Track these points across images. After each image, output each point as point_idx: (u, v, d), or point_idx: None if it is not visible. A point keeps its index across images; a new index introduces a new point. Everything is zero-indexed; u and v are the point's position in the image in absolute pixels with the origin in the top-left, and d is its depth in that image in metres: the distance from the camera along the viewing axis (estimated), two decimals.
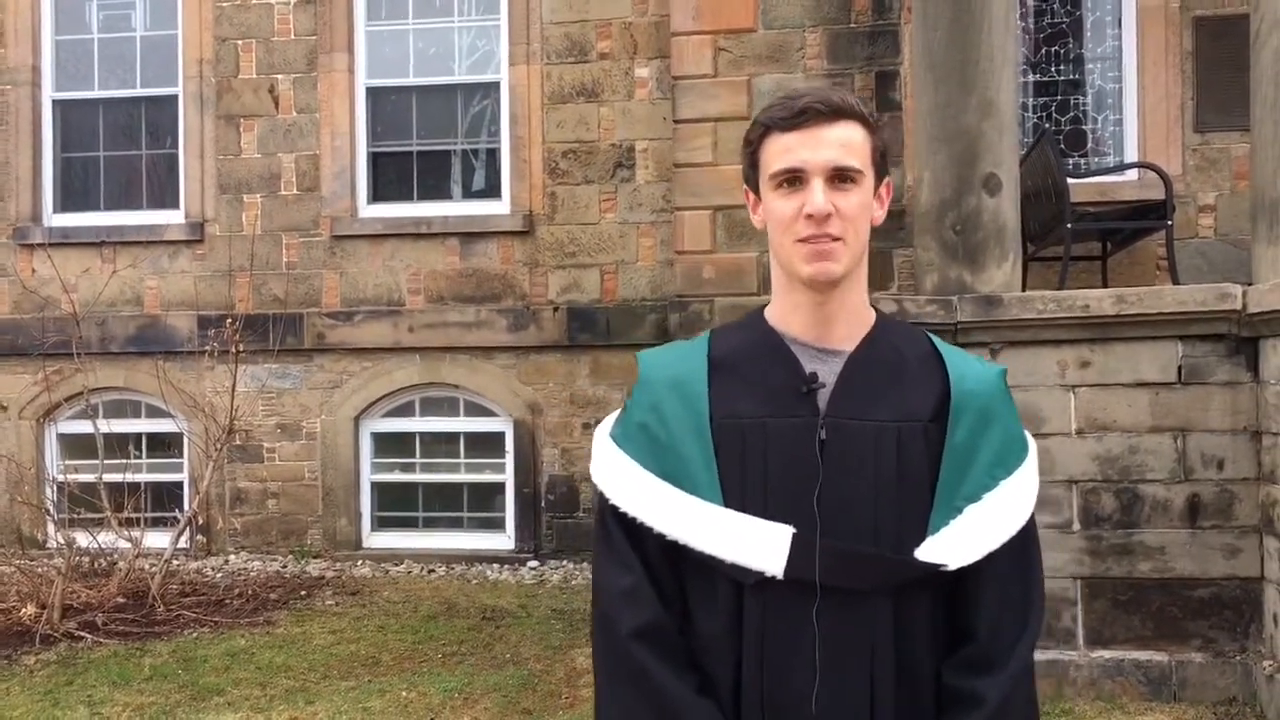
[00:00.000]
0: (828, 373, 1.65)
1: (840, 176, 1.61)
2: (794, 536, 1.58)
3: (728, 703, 1.62)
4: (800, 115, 1.61)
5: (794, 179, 1.61)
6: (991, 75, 5.01)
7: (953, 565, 1.61)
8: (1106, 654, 4.75)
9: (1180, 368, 4.78)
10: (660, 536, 1.64)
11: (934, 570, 1.60)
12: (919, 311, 4.88)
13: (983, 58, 5.01)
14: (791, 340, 1.68)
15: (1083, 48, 7.43)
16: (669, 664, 1.61)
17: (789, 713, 1.60)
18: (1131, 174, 7.04)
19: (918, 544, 1.60)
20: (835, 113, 1.62)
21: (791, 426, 1.62)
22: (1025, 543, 1.68)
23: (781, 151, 1.62)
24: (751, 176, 1.70)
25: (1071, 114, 7.42)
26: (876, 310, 1.74)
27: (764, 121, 1.66)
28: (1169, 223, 6.10)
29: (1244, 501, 4.71)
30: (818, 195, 1.59)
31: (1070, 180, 6.12)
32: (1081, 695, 4.70)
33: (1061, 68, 7.44)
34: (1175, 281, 6.04)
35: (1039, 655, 4.72)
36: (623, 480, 1.68)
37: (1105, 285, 6.53)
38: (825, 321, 1.67)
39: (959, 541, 1.61)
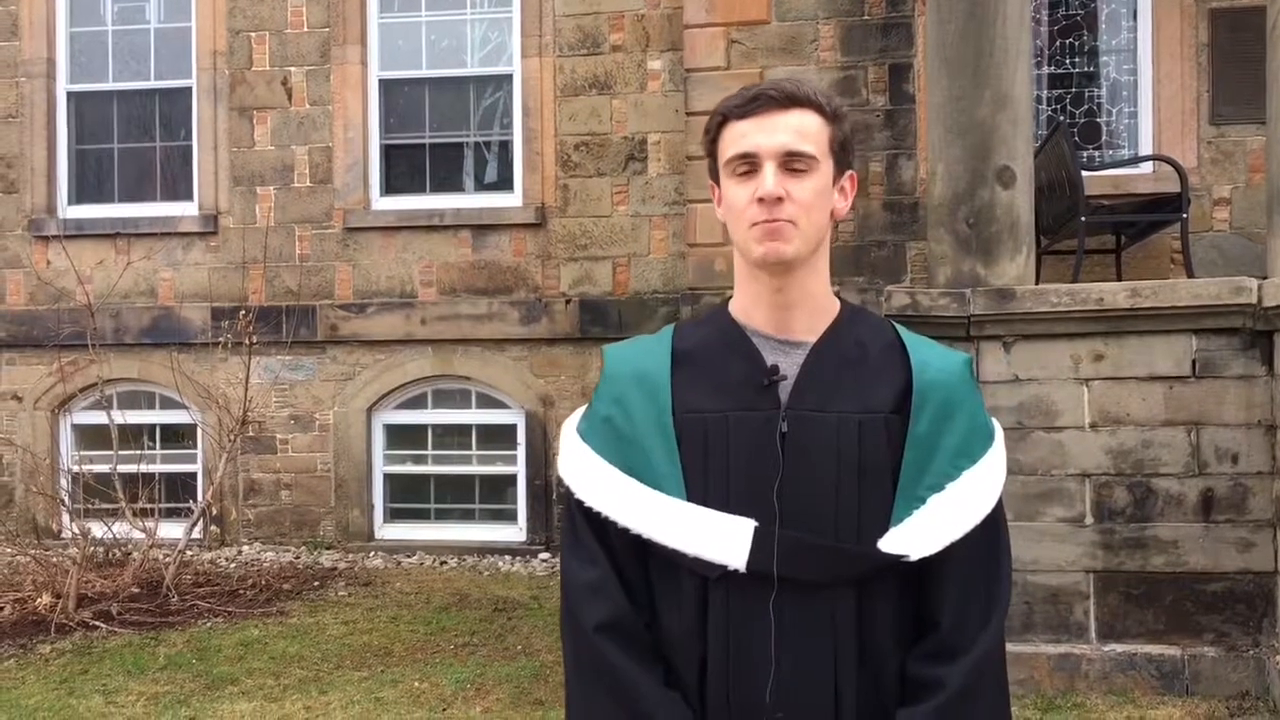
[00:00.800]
0: (790, 365, 1.65)
1: (792, 162, 1.60)
2: (756, 530, 1.59)
3: (693, 697, 1.63)
4: (753, 102, 1.62)
5: (748, 165, 1.62)
6: (1005, 68, 4.99)
7: (914, 556, 1.61)
8: (1119, 648, 4.75)
9: (1194, 361, 4.76)
10: (625, 531, 1.64)
11: (896, 561, 1.60)
12: (932, 304, 4.87)
13: (997, 50, 4.99)
14: (754, 332, 1.68)
15: (1097, 40, 7.39)
16: (634, 657, 1.62)
17: (754, 705, 1.60)
18: (1146, 167, 7.01)
19: (880, 535, 1.60)
20: (789, 100, 1.63)
21: (753, 419, 1.63)
22: (991, 531, 1.68)
23: (736, 138, 1.63)
24: (713, 168, 1.71)
25: (1086, 106, 7.39)
26: (842, 301, 1.73)
27: (721, 111, 1.67)
28: (1184, 216, 6.07)
29: (1258, 495, 4.69)
30: (768, 179, 1.59)
31: (1084, 173, 6.09)
32: (1094, 689, 4.69)
33: (1076, 60, 7.41)
34: (1190, 275, 6.02)
35: (1051, 649, 4.75)
36: (588, 475, 1.69)
37: (1119, 279, 6.50)
38: (786, 311, 1.66)
39: (921, 532, 1.61)
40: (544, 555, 7.88)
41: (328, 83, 8.32)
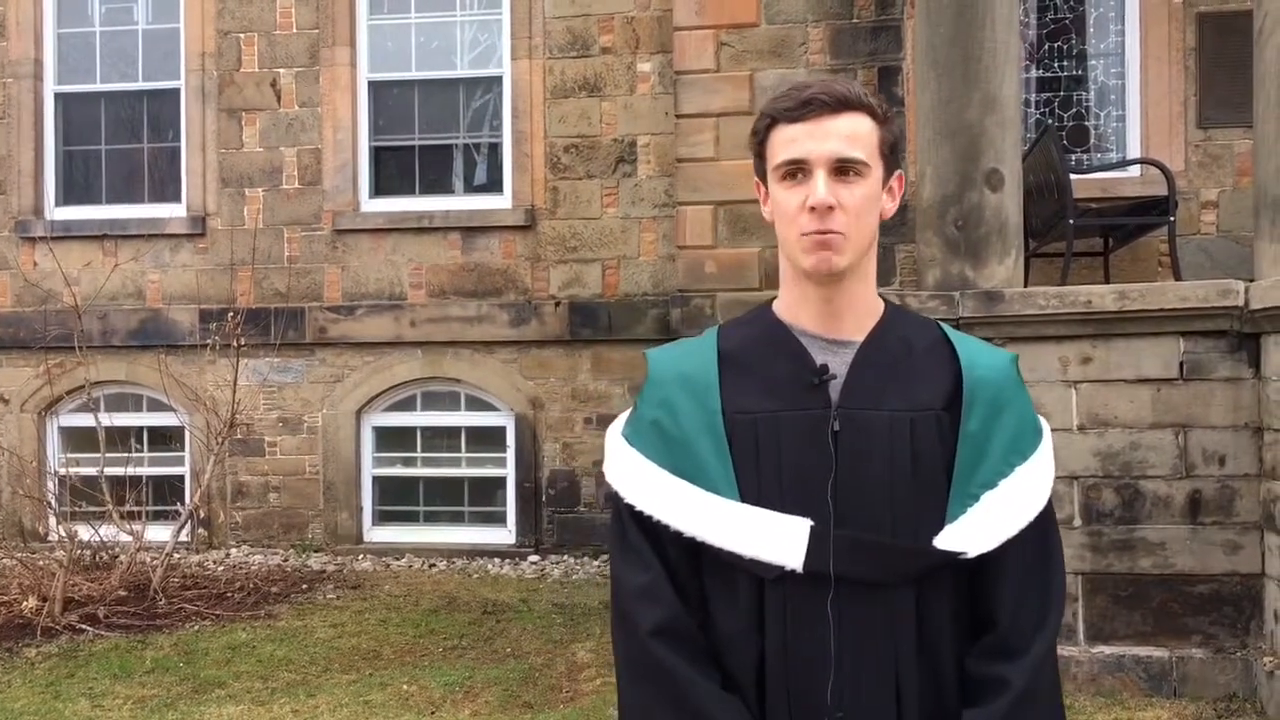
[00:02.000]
0: (838, 364, 1.64)
1: (844, 168, 1.59)
2: (811, 529, 1.58)
3: (752, 701, 1.61)
4: (805, 106, 1.60)
5: (798, 170, 1.60)
6: (994, 71, 5.01)
7: (971, 553, 1.60)
8: (1107, 650, 4.76)
9: (1182, 364, 4.78)
10: (677, 534, 1.63)
11: (952, 559, 1.60)
12: (921, 307, 4.87)
13: (985, 53, 5.00)
14: (800, 332, 1.67)
15: (1086, 43, 7.42)
16: (691, 661, 1.60)
17: (815, 706, 1.59)
18: (1134, 170, 7.03)
19: (935, 533, 1.60)
20: (841, 104, 1.61)
21: (804, 419, 1.62)
22: (1043, 528, 1.69)
23: (786, 143, 1.61)
24: (759, 168, 1.69)
25: (1074, 110, 7.41)
26: (885, 301, 1.73)
27: (770, 113, 1.65)
28: (1171, 219, 6.10)
29: (1245, 498, 4.71)
30: (820, 187, 1.58)
31: (1073, 176, 6.11)
32: (1082, 691, 4.70)
33: (1064, 63, 7.43)
34: (1177, 278, 6.04)
35: None
36: (637, 478, 1.67)
37: (1107, 281, 6.52)
38: (833, 314, 1.66)
39: (977, 529, 1.61)
40: (533, 558, 7.86)
41: (317, 84, 8.30)
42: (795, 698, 1.60)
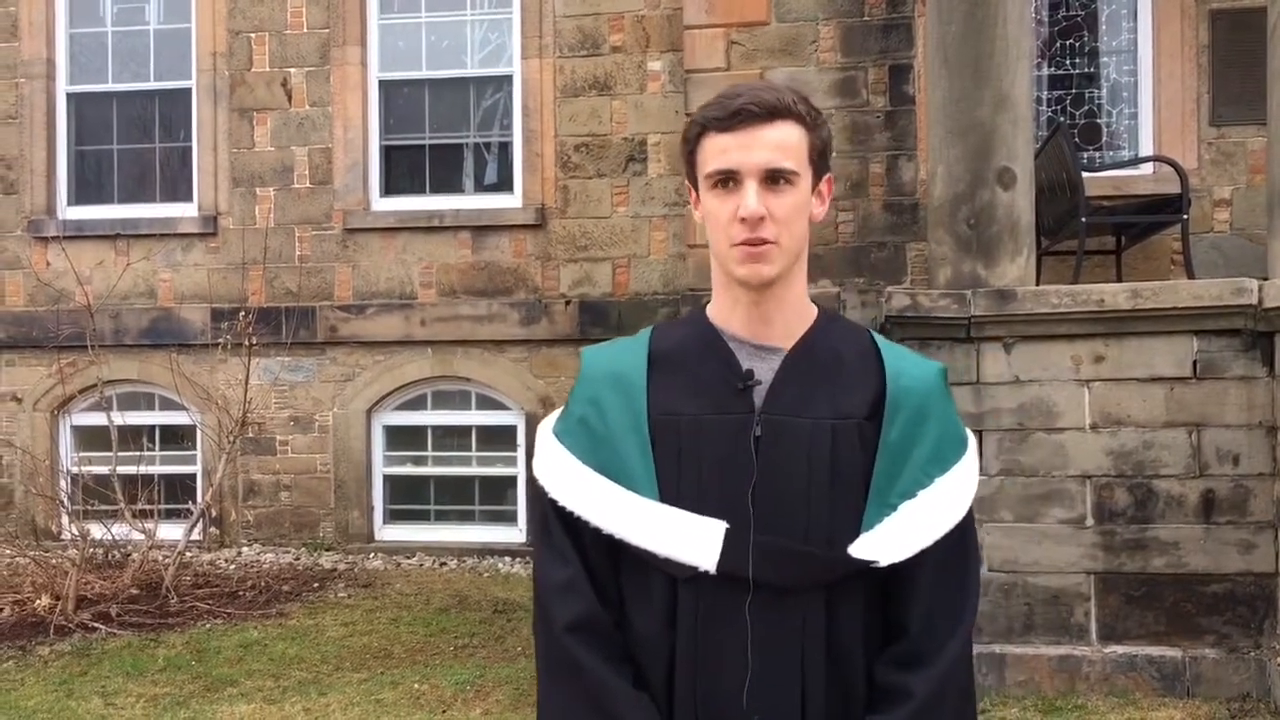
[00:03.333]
0: (765, 370, 1.66)
1: (774, 178, 1.60)
2: (727, 532, 1.59)
3: (661, 699, 1.63)
4: (735, 116, 1.60)
5: (729, 179, 1.61)
6: (1006, 68, 4.99)
7: (884, 562, 1.61)
8: (1120, 649, 4.74)
9: (1195, 362, 4.76)
10: (597, 531, 1.64)
11: (866, 567, 1.61)
12: (932, 306, 4.86)
13: (997, 51, 4.99)
14: (730, 337, 1.69)
15: (1098, 41, 7.39)
16: (604, 657, 1.62)
17: (721, 707, 1.60)
18: (1146, 168, 7.00)
19: (851, 541, 1.61)
20: (771, 113, 1.61)
21: (727, 423, 1.63)
22: (961, 539, 1.68)
23: (717, 152, 1.62)
24: (690, 174, 1.70)
25: (1086, 107, 7.39)
26: (819, 307, 1.74)
27: (700, 121, 1.65)
28: (1184, 217, 6.07)
29: (1259, 497, 4.68)
30: (750, 198, 1.59)
31: (1085, 174, 6.08)
32: (1094, 690, 4.68)
33: (1076, 61, 7.40)
34: (1190, 276, 6.01)
35: (1051, 651, 4.74)
36: (561, 475, 1.69)
37: (1119, 280, 6.50)
38: (763, 319, 1.67)
39: (892, 538, 1.61)
40: None
41: (327, 84, 8.31)
42: (703, 698, 1.61)
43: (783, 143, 1.61)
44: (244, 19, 8.40)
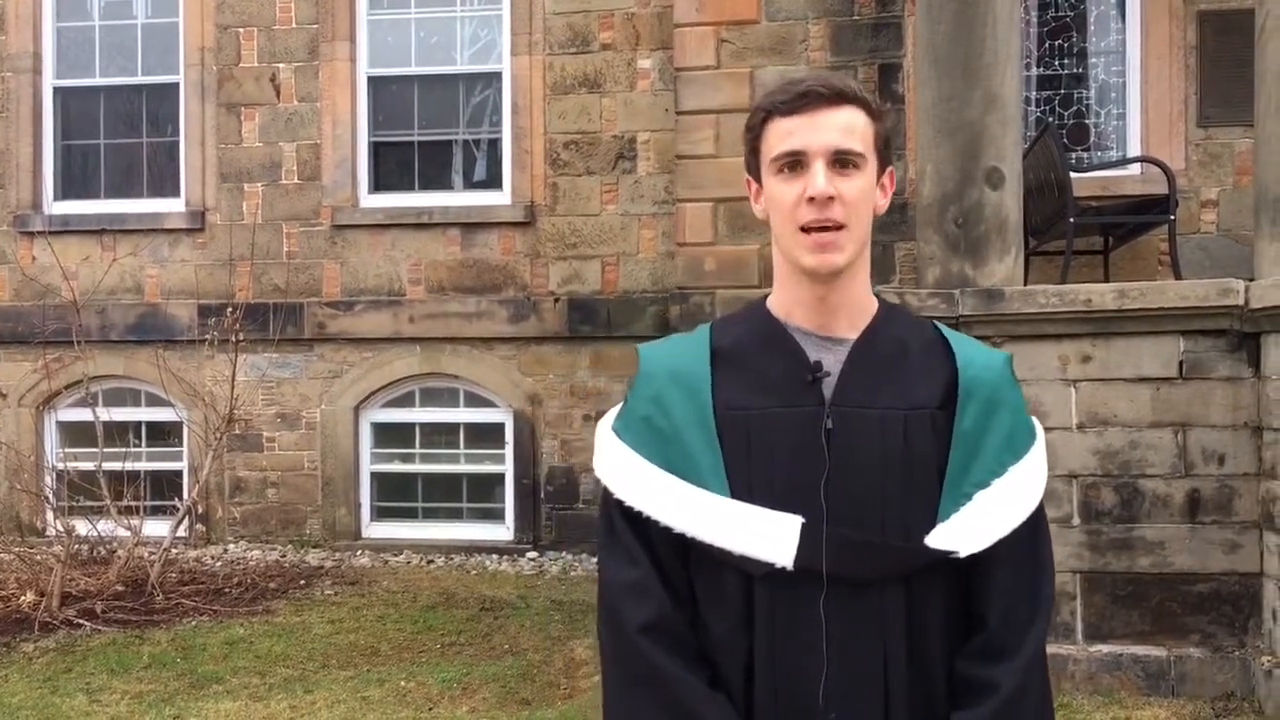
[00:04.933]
0: (832, 362, 1.63)
1: (842, 160, 1.59)
2: (803, 526, 1.57)
3: (739, 699, 1.60)
4: (802, 99, 1.60)
5: (795, 163, 1.60)
6: (995, 69, 5.00)
7: (963, 552, 1.59)
8: (1105, 648, 4.75)
9: (1182, 363, 4.77)
10: (667, 530, 1.61)
11: (944, 558, 1.59)
12: (920, 305, 4.87)
13: (986, 51, 4.99)
14: (794, 329, 1.66)
15: (1086, 42, 7.41)
16: (679, 658, 1.59)
17: (802, 706, 1.58)
18: (1134, 169, 7.02)
19: (927, 532, 1.59)
20: (837, 96, 1.60)
21: (797, 416, 1.61)
22: (1035, 529, 1.67)
23: (783, 135, 1.60)
24: (753, 163, 1.68)
25: (1074, 108, 7.41)
26: (880, 299, 1.72)
27: (765, 106, 1.64)
28: (1171, 218, 6.09)
29: (1244, 497, 4.70)
30: (819, 178, 1.57)
31: (1073, 174, 6.10)
32: (1079, 689, 4.70)
33: (1065, 62, 7.42)
34: (1177, 276, 6.03)
35: None
36: (627, 474, 1.66)
37: (1107, 280, 6.52)
38: (828, 311, 1.65)
39: (969, 528, 1.60)
40: (531, 554, 7.86)
41: (316, 79, 8.29)
42: (783, 697, 1.59)
43: (850, 125, 1.60)
44: (232, 14, 8.37)
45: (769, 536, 1.57)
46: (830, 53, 7.10)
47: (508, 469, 8.19)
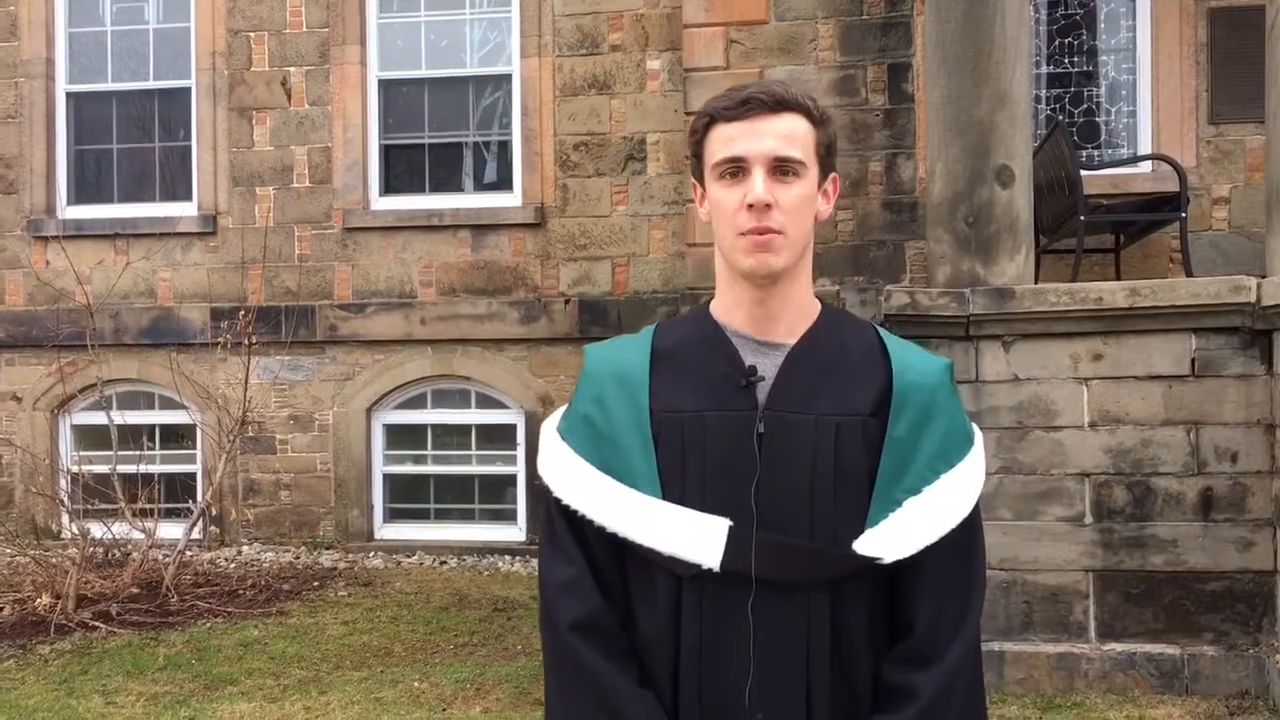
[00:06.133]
0: (769, 366, 1.65)
1: (782, 167, 1.60)
2: (730, 529, 1.59)
3: (666, 697, 1.63)
4: (743, 105, 1.62)
5: (736, 169, 1.61)
6: (1005, 67, 5.00)
7: (889, 558, 1.60)
8: (1118, 647, 4.75)
9: (1194, 360, 4.76)
10: (601, 529, 1.64)
11: (870, 563, 1.60)
12: (931, 304, 4.87)
13: (996, 49, 4.99)
14: (734, 333, 1.68)
15: (1096, 39, 7.39)
16: (608, 656, 1.62)
17: (725, 706, 1.60)
18: (1145, 166, 7.01)
19: (855, 537, 1.60)
20: (778, 104, 1.62)
21: (730, 420, 1.63)
22: (967, 536, 1.67)
23: (725, 141, 1.62)
24: (696, 168, 1.70)
25: (1085, 106, 7.39)
26: (823, 303, 1.73)
27: (708, 112, 1.66)
28: (1183, 215, 6.07)
29: (1257, 495, 4.69)
30: (758, 185, 1.59)
31: (1083, 172, 6.08)
32: (1093, 688, 4.69)
33: (1075, 59, 7.40)
34: (1189, 274, 6.01)
35: (1050, 648, 4.75)
36: (565, 473, 1.69)
37: (1118, 278, 6.50)
38: (767, 316, 1.67)
39: (896, 535, 1.61)
40: None
41: (327, 83, 8.32)
42: (708, 696, 1.61)
43: (790, 133, 1.61)
44: (243, 18, 8.41)
45: (696, 538, 1.59)
46: (839, 52, 7.10)
47: (519, 470, 8.20)
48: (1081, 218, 5.91)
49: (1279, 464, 4.62)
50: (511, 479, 8.27)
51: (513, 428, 8.25)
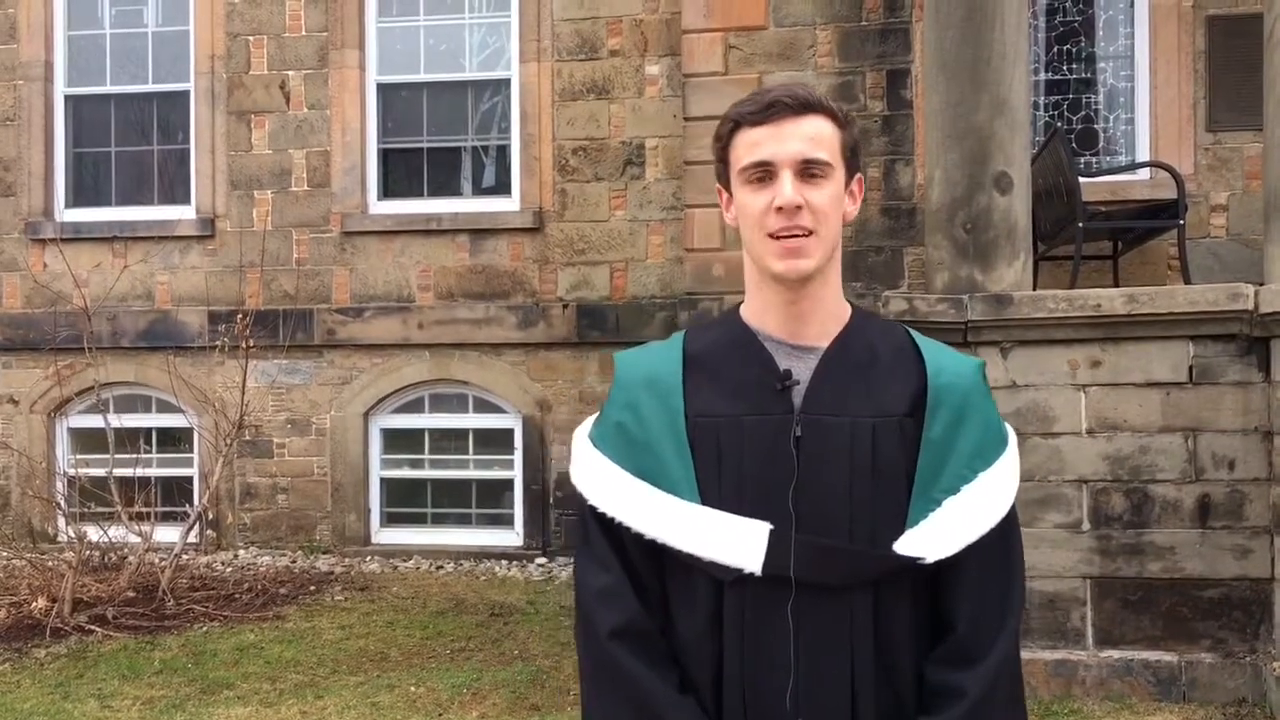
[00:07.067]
0: (802, 369, 1.65)
1: (809, 170, 1.61)
2: (771, 533, 1.59)
3: (709, 703, 1.62)
4: (769, 109, 1.62)
5: (764, 173, 1.62)
6: (1003, 73, 5.00)
7: (930, 558, 1.61)
8: (1116, 654, 4.74)
9: (1191, 368, 4.76)
10: (639, 536, 1.64)
11: (911, 564, 1.61)
12: (929, 310, 4.87)
13: (994, 56, 5.00)
14: (766, 337, 1.69)
15: (1095, 46, 7.40)
16: (648, 663, 1.62)
17: (769, 710, 1.60)
18: (1143, 173, 7.02)
19: (895, 538, 1.60)
20: (803, 106, 1.63)
21: (766, 424, 1.63)
22: (1005, 535, 1.68)
23: (751, 146, 1.63)
24: (722, 173, 1.70)
25: (1083, 113, 7.40)
26: (853, 305, 1.73)
27: (733, 117, 1.66)
28: (1181, 222, 6.08)
29: (1255, 502, 4.69)
30: (787, 187, 1.59)
31: (1082, 179, 6.10)
32: (1090, 695, 4.69)
33: (1073, 66, 7.42)
34: (1187, 281, 6.02)
35: (1048, 655, 4.74)
36: (600, 480, 1.69)
37: (1116, 285, 6.51)
38: (799, 318, 1.67)
39: (936, 535, 1.61)
40: (541, 560, 7.87)
41: (326, 86, 8.32)
42: (751, 701, 1.61)
43: (816, 134, 1.62)
44: (242, 21, 8.41)
45: (737, 543, 1.59)
46: (838, 58, 7.11)
47: (517, 474, 8.20)
48: (1080, 224, 5.92)
49: (1276, 471, 4.62)
50: (509, 484, 8.26)
51: (510, 432, 8.24)
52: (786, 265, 1.61)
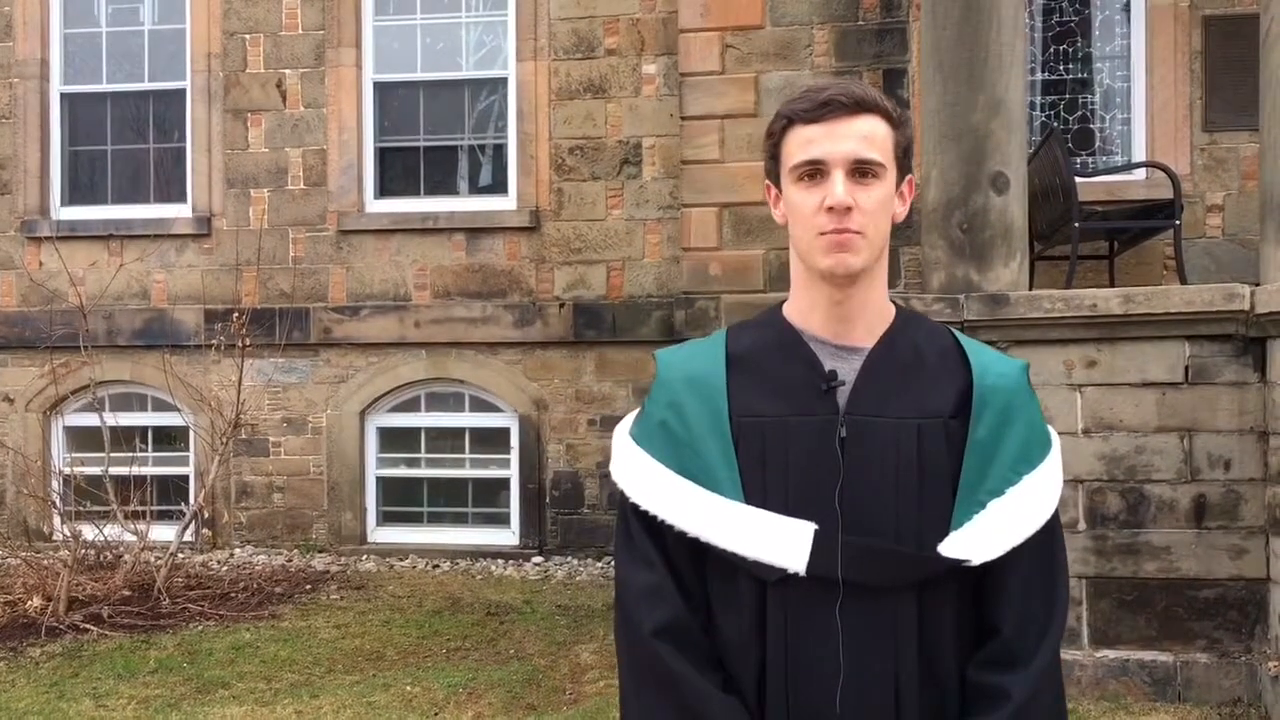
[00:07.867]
0: (847, 370, 1.64)
1: (861, 170, 1.60)
2: (816, 533, 1.58)
3: (752, 703, 1.61)
4: (823, 107, 1.61)
5: (815, 171, 1.60)
6: (1000, 74, 5.00)
7: (976, 560, 1.60)
8: (1111, 654, 4.75)
9: (1187, 368, 4.77)
10: (682, 535, 1.63)
11: (956, 565, 1.60)
12: (925, 310, 4.86)
13: (991, 56, 5.00)
14: (810, 337, 1.67)
15: (1091, 46, 7.41)
16: (692, 661, 1.61)
17: (815, 710, 1.59)
18: (1139, 173, 7.02)
19: (940, 539, 1.60)
20: (858, 105, 1.61)
21: (812, 424, 1.62)
22: (1050, 537, 1.68)
23: (803, 143, 1.61)
24: (772, 169, 1.69)
25: (1080, 113, 7.41)
26: (897, 306, 1.72)
27: (786, 114, 1.65)
28: (1177, 222, 6.08)
29: (1250, 502, 4.70)
30: (838, 187, 1.58)
31: (1078, 179, 6.10)
32: (1086, 695, 4.69)
33: (1070, 66, 7.42)
34: (1183, 281, 6.03)
35: None
36: (643, 478, 1.67)
37: (1112, 285, 6.51)
38: (844, 319, 1.66)
39: (982, 536, 1.60)
40: (537, 559, 7.86)
41: (322, 85, 8.31)
42: (795, 701, 1.60)
43: (870, 134, 1.61)
44: (239, 20, 8.40)
45: (782, 542, 1.58)
46: (835, 58, 7.11)
47: (513, 474, 8.19)
48: (1076, 224, 5.92)
49: (1272, 471, 4.63)
50: (505, 483, 8.25)
51: (507, 431, 8.24)
52: (835, 259, 1.59)
